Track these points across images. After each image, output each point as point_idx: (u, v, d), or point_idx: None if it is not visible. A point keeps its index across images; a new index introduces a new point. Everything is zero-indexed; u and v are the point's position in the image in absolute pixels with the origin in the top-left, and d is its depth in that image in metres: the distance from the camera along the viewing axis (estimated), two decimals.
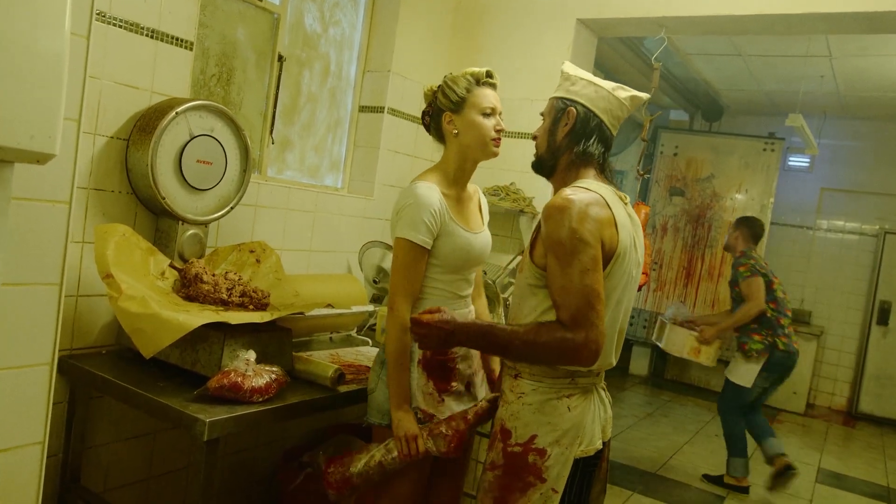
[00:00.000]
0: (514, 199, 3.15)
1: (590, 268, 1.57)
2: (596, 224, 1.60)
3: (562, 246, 1.59)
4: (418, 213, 1.84)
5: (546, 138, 1.79)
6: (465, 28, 3.53)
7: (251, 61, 2.72)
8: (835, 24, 2.78)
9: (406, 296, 1.87)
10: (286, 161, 2.97)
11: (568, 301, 1.60)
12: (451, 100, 1.94)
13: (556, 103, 1.78)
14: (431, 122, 2.02)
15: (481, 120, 1.92)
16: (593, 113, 1.74)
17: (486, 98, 1.93)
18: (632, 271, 1.70)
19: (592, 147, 1.74)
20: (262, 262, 2.36)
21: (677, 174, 7.08)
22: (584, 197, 1.62)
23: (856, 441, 6.08)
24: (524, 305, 1.75)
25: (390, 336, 1.87)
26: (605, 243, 1.61)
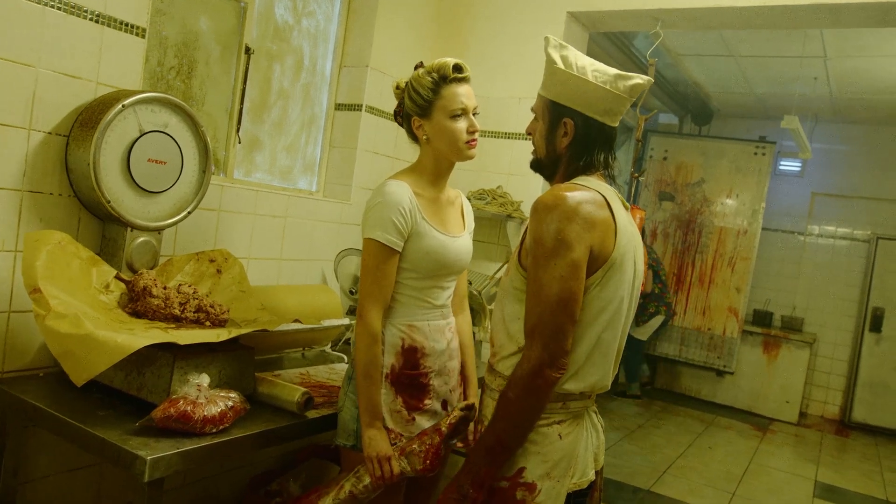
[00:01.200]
0: (500, 203, 2.95)
1: (566, 275, 1.39)
2: (585, 225, 1.41)
3: (542, 246, 1.42)
4: (386, 211, 1.66)
5: (544, 145, 1.60)
6: (450, 20, 3.33)
7: (215, 53, 2.50)
8: (842, 17, 2.61)
9: (376, 302, 1.68)
10: (255, 162, 2.75)
11: (534, 309, 1.44)
12: (417, 104, 1.75)
13: (549, 107, 1.57)
14: (403, 123, 1.84)
15: (451, 125, 1.72)
16: (593, 120, 1.54)
17: (454, 98, 1.72)
18: (633, 283, 1.51)
19: (597, 157, 1.56)
20: (223, 272, 2.14)
21: (667, 179, 6.92)
22: (578, 195, 1.44)
23: (851, 452, 5.93)
24: (506, 310, 1.57)
25: (359, 346, 1.68)
26: (596, 248, 1.42)
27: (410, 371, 1.75)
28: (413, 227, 1.70)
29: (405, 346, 1.75)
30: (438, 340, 1.80)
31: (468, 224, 1.92)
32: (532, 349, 1.42)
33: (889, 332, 6.71)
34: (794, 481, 4.87)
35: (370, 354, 1.67)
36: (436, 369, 1.80)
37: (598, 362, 1.49)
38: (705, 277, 6.79)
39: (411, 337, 1.75)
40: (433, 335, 1.79)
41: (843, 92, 5.73)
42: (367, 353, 1.67)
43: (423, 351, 1.77)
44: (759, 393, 6.81)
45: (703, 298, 6.80)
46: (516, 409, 1.44)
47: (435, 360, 1.80)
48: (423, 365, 1.77)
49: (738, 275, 6.65)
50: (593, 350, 1.48)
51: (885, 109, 6.11)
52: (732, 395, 6.92)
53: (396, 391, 1.73)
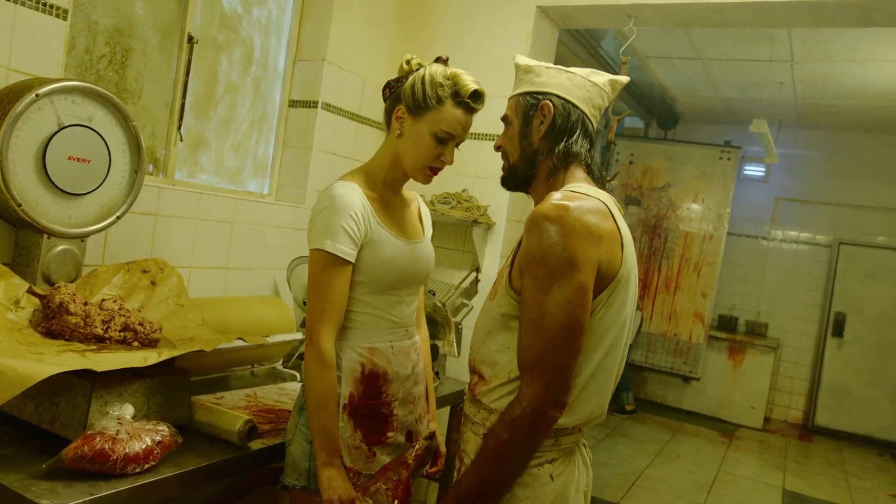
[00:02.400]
0: (466, 207, 2.77)
1: (573, 300, 1.20)
2: (593, 240, 1.23)
3: (543, 265, 1.23)
4: (335, 217, 1.46)
5: (518, 143, 1.43)
6: (413, 12, 3.15)
7: (153, 42, 2.27)
8: (821, 15, 2.50)
9: (327, 322, 1.48)
10: (200, 163, 2.52)
11: (534, 340, 1.24)
12: (415, 97, 1.54)
13: (523, 100, 1.42)
14: (388, 100, 1.62)
15: (430, 141, 1.53)
16: (572, 104, 1.39)
17: (452, 121, 1.52)
18: (634, 301, 1.34)
19: (577, 144, 1.39)
20: (158, 284, 1.91)
21: (633, 183, 6.86)
22: (582, 204, 1.26)
23: (815, 457, 5.92)
24: (492, 340, 1.37)
25: (310, 374, 1.48)
26: (604, 265, 1.25)
27: (371, 400, 1.55)
28: (367, 234, 1.51)
29: (365, 371, 1.55)
30: (403, 364, 1.61)
31: (427, 229, 1.74)
32: (532, 387, 1.23)
33: (851, 337, 6.75)
34: (762, 490, 4.81)
35: (324, 382, 1.47)
36: (400, 397, 1.61)
37: (596, 391, 1.32)
38: (671, 283, 6.74)
39: (372, 361, 1.56)
40: (397, 358, 1.60)
41: (808, 97, 5.72)
42: (321, 382, 1.47)
43: (385, 377, 1.58)
44: (725, 399, 6.78)
45: (669, 304, 6.74)
46: (510, 454, 1.26)
47: (399, 386, 1.60)
48: (386, 392, 1.58)
49: (704, 280, 6.61)
50: (591, 379, 1.30)
51: (848, 115, 6.14)
52: (698, 402, 6.88)
53: (355, 424, 1.53)
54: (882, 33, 3.96)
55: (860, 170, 6.75)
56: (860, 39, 4.16)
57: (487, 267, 2.86)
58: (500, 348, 1.35)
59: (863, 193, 6.76)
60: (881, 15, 2.39)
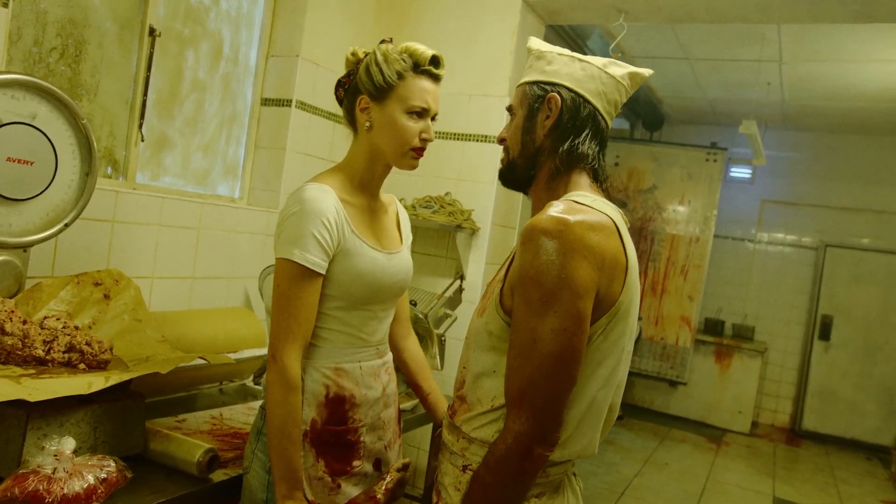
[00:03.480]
0: (449, 212, 2.62)
1: (569, 327, 1.07)
2: (595, 261, 1.09)
3: (537, 287, 1.08)
4: (305, 223, 1.32)
5: (520, 137, 1.28)
6: (393, 7, 3.00)
7: (111, 34, 2.10)
8: (820, 10, 2.39)
9: (293, 340, 1.33)
10: (164, 164, 2.35)
11: (523, 370, 1.10)
12: (374, 81, 1.41)
13: (530, 90, 1.28)
14: (345, 99, 1.49)
15: (405, 121, 1.41)
16: (583, 98, 1.24)
17: (420, 92, 1.41)
18: (633, 331, 1.20)
19: (585, 145, 1.24)
20: (112, 297, 1.75)
21: (619, 185, 6.76)
22: (585, 218, 1.11)
23: (804, 462, 5.85)
24: (477, 361, 1.23)
25: (272, 397, 1.33)
26: (603, 290, 1.10)
27: (336, 426, 1.41)
28: (340, 244, 1.37)
29: (330, 395, 1.40)
30: (372, 386, 1.46)
31: (405, 236, 1.60)
32: (518, 422, 1.09)
33: (838, 340, 6.70)
34: (752, 499, 4.71)
35: (287, 407, 1.32)
36: (368, 422, 1.46)
37: (590, 425, 1.18)
38: (658, 286, 6.65)
39: (338, 383, 1.41)
40: (366, 380, 1.45)
41: (795, 98, 5.66)
42: (284, 406, 1.32)
43: (352, 400, 1.43)
44: (712, 403, 6.70)
45: (655, 307, 6.65)
46: (495, 498, 1.12)
47: (367, 410, 1.46)
48: (353, 418, 1.43)
49: (691, 283, 6.53)
50: (586, 413, 1.16)
51: (835, 116, 6.09)
52: (685, 406, 6.79)
53: (318, 452, 1.38)
54: (874, 32, 3.88)
55: (846, 172, 6.71)
56: (851, 38, 4.08)
57: (472, 274, 2.72)
58: (485, 371, 1.21)
59: (849, 195, 6.72)
60: (882, 10, 2.28)
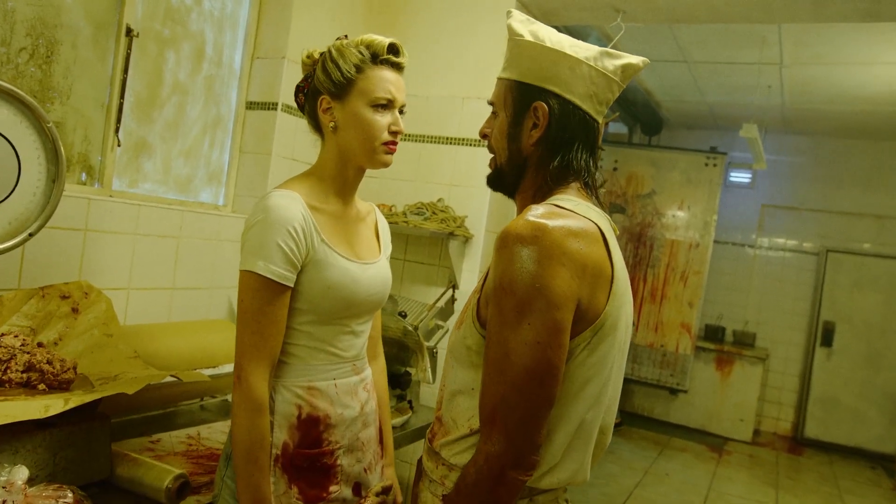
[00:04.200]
0: (441, 219, 2.53)
1: (544, 340, 0.97)
2: (574, 269, 0.99)
3: (510, 295, 0.99)
4: (269, 233, 1.23)
5: (506, 144, 1.18)
6: (383, 8, 2.91)
7: (85, 34, 2.01)
8: (825, 9, 2.31)
9: (260, 359, 1.24)
10: (143, 170, 2.26)
11: (495, 385, 1.01)
12: (332, 78, 1.33)
13: (514, 91, 1.16)
14: (306, 104, 1.41)
15: (370, 115, 1.33)
16: (573, 104, 1.13)
17: (381, 83, 1.33)
18: (625, 346, 1.11)
19: (576, 157, 1.14)
20: (81, 311, 1.65)
21: (617, 190, 6.67)
22: (566, 223, 1.02)
23: (807, 472, 5.74)
24: (455, 377, 1.14)
25: (238, 420, 1.24)
26: (585, 301, 1.01)
27: (309, 450, 1.31)
28: (310, 254, 1.27)
29: (302, 415, 1.31)
30: (349, 405, 1.37)
31: (384, 246, 1.50)
32: (491, 442, 0.99)
33: (840, 347, 6.61)
34: None
35: (254, 431, 1.23)
36: (345, 444, 1.36)
37: (579, 449, 1.08)
38: (657, 292, 6.55)
39: (311, 403, 1.32)
40: (342, 398, 1.36)
41: (796, 101, 5.57)
42: (250, 430, 1.22)
43: (327, 421, 1.33)
44: (713, 411, 6.60)
45: (655, 314, 6.55)
46: None
47: (344, 431, 1.36)
48: (328, 440, 1.33)
49: (691, 289, 6.43)
50: (574, 437, 1.06)
51: (836, 120, 6.01)
52: (686, 414, 6.69)
53: (290, 478, 1.28)
54: (877, 34, 3.80)
55: (848, 176, 6.63)
56: (854, 41, 4.00)
57: (465, 283, 2.63)
58: (462, 389, 1.12)
59: (850, 200, 6.63)
60: (891, 8, 2.20)
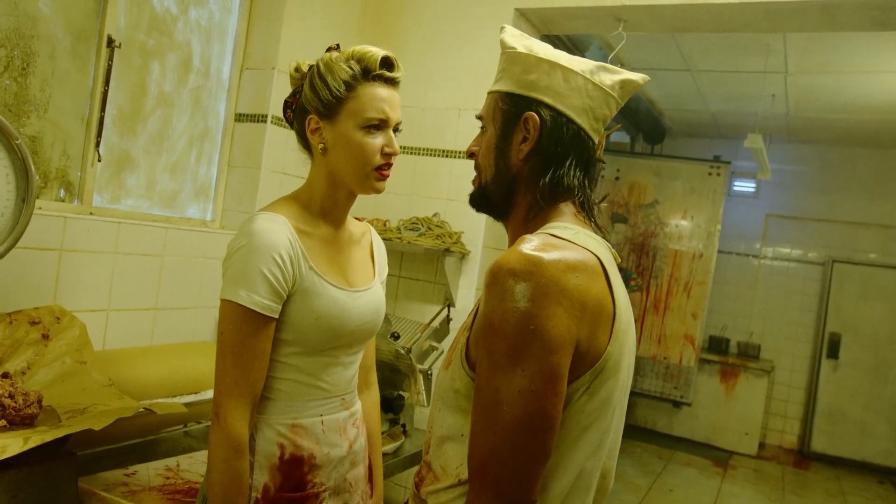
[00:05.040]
0: (437, 234, 2.44)
1: (539, 388, 0.87)
2: (573, 309, 0.89)
3: (502, 337, 0.88)
4: (253, 260, 1.14)
5: (493, 160, 1.07)
6: (378, 17, 2.84)
7: (64, 45, 1.93)
8: (836, 17, 2.22)
9: (240, 395, 1.15)
10: (126, 186, 2.17)
11: (485, 435, 0.90)
12: (319, 97, 1.23)
13: (503, 103, 1.07)
14: (294, 121, 1.31)
15: (361, 137, 1.22)
16: (567, 117, 1.04)
17: (374, 101, 1.23)
18: (627, 383, 1.01)
19: (570, 175, 1.04)
20: (52, 337, 1.56)
21: (619, 200, 6.58)
22: (563, 256, 0.92)
23: (814, 488, 5.63)
24: (443, 421, 1.04)
25: (214, 461, 1.15)
26: (584, 343, 0.90)
27: (292, 493, 1.22)
28: (297, 282, 1.18)
29: (285, 456, 1.21)
30: (336, 444, 1.27)
31: (379, 269, 1.41)
32: (479, 500, 0.89)
33: (847, 359, 6.49)
34: None
35: (231, 473, 1.13)
36: (331, 486, 1.27)
37: (578, 499, 0.97)
38: (660, 304, 6.45)
39: (294, 442, 1.22)
40: (328, 437, 1.27)
41: (800, 110, 5.49)
42: (227, 472, 1.13)
43: (312, 461, 1.24)
44: (718, 425, 6.48)
45: (658, 326, 6.45)
46: None
47: (331, 472, 1.27)
48: (313, 482, 1.24)
49: (695, 300, 6.32)
50: (573, 489, 0.96)
51: (841, 129, 5.92)
52: (690, 428, 6.58)
53: None
54: (885, 42, 3.71)
55: (853, 185, 6.53)
56: (861, 49, 3.91)
57: (462, 300, 2.53)
58: (451, 435, 1.02)
59: (856, 210, 6.54)
60: None
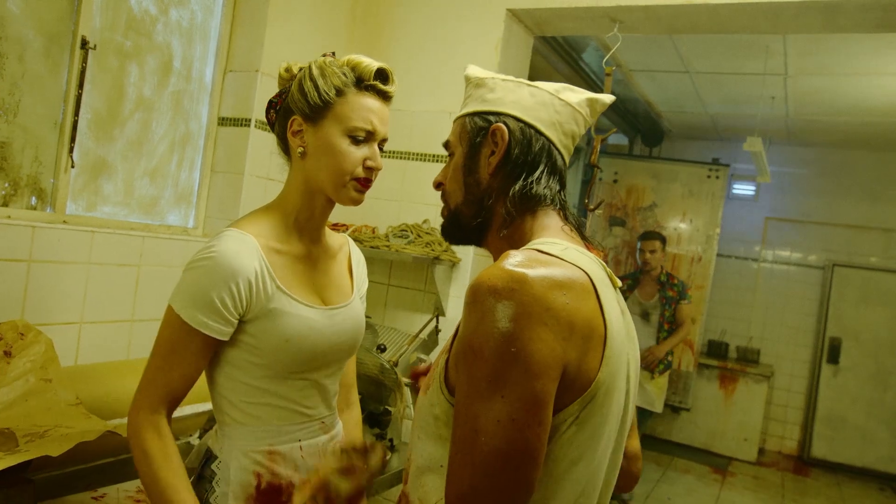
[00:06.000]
0: (426, 242, 2.37)
1: (520, 417, 0.79)
2: (559, 329, 0.81)
3: (481, 361, 0.81)
4: (207, 283, 1.08)
5: (461, 179, 1.01)
6: (366, 18, 2.76)
7: (36, 46, 1.85)
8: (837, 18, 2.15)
9: (156, 397, 1.10)
10: (102, 192, 2.10)
11: (463, 467, 0.81)
12: (307, 98, 1.16)
13: (469, 122, 1.02)
14: (276, 122, 1.24)
15: (344, 145, 1.16)
16: (535, 129, 0.98)
17: (362, 111, 1.16)
18: (623, 413, 0.94)
19: (541, 184, 0.98)
20: (15, 354, 1.48)
21: (617, 203, 6.50)
22: (549, 273, 0.84)
23: (814, 495, 5.55)
24: (422, 450, 0.96)
25: (138, 465, 1.10)
26: (572, 368, 0.83)
27: None
28: (262, 304, 1.11)
29: (262, 485, 1.14)
30: None
31: (358, 283, 1.34)
32: None
33: (847, 364, 6.41)
34: None
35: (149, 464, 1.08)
36: None
37: None
38: None
39: (272, 470, 1.15)
40: (309, 462, 1.20)
41: (800, 112, 5.42)
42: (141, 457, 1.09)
43: (290, 490, 1.17)
44: (717, 430, 6.40)
45: None
46: None
47: None
48: None
49: (694, 304, 6.23)
50: None
51: (841, 131, 5.85)
52: (689, 433, 6.50)
53: None
54: (886, 44, 3.64)
55: (854, 188, 6.46)
56: (862, 51, 3.84)
57: (452, 311, 2.46)
58: (430, 465, 0.94)
59: (857, 213, 6.46)
60: None
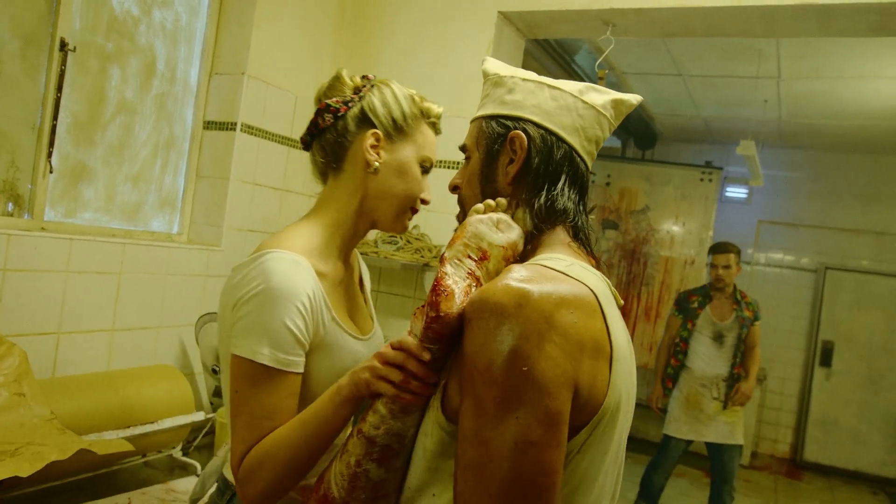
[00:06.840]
0: (416, 248, 2.32)
1: (538, 439, 0.73)
2: (571, 348, 0.76)
3: (489, 384, 0.74)
4: (273, 310, 0.95)
5: (478, 186, 0.96)
6: (355, 20, 2.71)
7: (12, 49, 1.80)
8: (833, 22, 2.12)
9: None
10: (82, 198, 2.04)
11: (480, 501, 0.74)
12: (393, 116, 1.11)
13: (487, 126, 0.96)
14: (333, 128, 1.12)
15: (418, 171, 1.14)
16: (556, 136, 0.93)
17: (431, 146, 1.17)
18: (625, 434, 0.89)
19: (562, 196, 0.93)
20: None
21: (610, 206, 6.48)
22: (556, 290, 0.78)
23: (807, 499, 5.54)
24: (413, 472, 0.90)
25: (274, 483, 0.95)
26: (584, 390, 0.77)
27: None
28: (319, 335, 1.02)
29: None
30: None
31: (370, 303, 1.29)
32: None
33: (839, 367, 6.41)
34: None
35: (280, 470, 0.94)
36: None
37: None
38: (651, 311, 6.35)
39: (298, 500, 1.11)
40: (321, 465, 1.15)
41: (794, 116, 5.40)
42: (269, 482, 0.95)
43: None
44: None
45: (649, 333, 6.34)
46: None
47: None
48: None
49: None
50: None
51: (834, 135, 5.84)
52: None
53: None
54: (879, 48, 3.63)
55: (846, 192, 6.46)
56: (855, 55, 3.83)
57: None
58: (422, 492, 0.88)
59: (849, 216, 6.46)
60: None
